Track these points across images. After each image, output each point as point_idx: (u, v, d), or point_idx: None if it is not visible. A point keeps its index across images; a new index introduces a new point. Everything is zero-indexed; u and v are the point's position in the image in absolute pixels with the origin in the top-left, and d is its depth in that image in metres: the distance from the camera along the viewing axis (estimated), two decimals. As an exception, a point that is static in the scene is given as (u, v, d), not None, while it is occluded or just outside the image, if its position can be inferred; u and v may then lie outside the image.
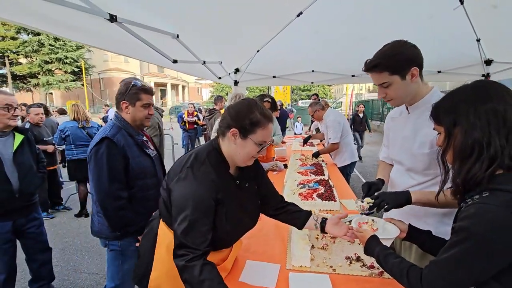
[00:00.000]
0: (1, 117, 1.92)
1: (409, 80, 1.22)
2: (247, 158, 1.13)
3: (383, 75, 1.23)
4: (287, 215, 1.41)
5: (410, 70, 1.20)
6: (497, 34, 2.88)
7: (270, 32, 2.88)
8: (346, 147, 3.56)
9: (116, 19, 1.48)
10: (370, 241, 1.09)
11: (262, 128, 1.09)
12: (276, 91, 17.39)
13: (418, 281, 0.83)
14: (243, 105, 1.13)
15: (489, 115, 0.78)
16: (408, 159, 1.38)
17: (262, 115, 1.09)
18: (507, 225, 0.68)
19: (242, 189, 1.22)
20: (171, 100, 39.20)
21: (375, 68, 1.23)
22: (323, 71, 4.09)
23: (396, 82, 1.22)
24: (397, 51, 1.21)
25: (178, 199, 1.04)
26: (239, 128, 1.08)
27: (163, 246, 1.18)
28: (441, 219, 1.29)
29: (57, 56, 25.21)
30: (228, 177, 1.16)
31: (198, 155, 1.12)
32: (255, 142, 1.09)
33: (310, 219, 1.37)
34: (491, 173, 0.76)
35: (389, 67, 1.20)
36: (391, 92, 1.25)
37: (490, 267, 0.73)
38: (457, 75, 3.72)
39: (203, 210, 1.03)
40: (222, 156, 1.15)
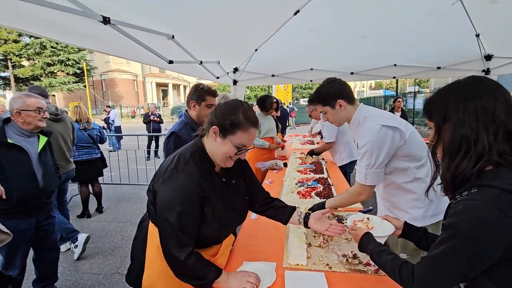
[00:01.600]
0: (33, 119, 2.03)
1: (338, 109, 1.58)
2: (224, 158, 1.13)
3: (318, 106, 1.66)
4: (273, 211, 1.46)
5: (337, 102, 1.56)
6: (496, 29, 2.86)
7: (268, 31, 2.88)
8: (344, 146, 3.53)
9: (109, 21, 1.49)
10: (364, 238, 1.10)
11: (242, 131, 1.09)
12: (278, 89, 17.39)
13: (410, 277, 0.84)
14: (230, 105, 1.14)
15: (477, 111, 0.78)
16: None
17: (245, 118, 1.09)
18: (494, 221, 0.68)
19: (229, 186, 1.24)
20: (172, 100, 39.28)
21: (312, 102, 1.73)
22: (321, 69, 4.07)
23: (329, 111, 1.61)
24: (325, 89, 1.59)
25: (165, 198, 1.06)
26: (220, 126, 1.09)
27: (154, 245, 1.19)
28: (413, 204, 1.49)
29: (59, 58, 25.37)
30: (214, 175, 1.18)
31: (182, 155, 1.14)
32: (233, 144, 1.09)
33: (294, 214, 1.43)
34: (479, 169, 0.76)
35: (319, 101, 1.62)
36: (328, 117, 1.65)
37: (478, 263, 0.73)
38: (457, 71, 3.70)
39: (191, 203, 1.07)
40: (206, 154, 1.16)
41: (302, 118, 19.55)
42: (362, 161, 1.46)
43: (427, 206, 1.46)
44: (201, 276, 1.08)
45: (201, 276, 1.08)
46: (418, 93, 14.71)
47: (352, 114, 1.59)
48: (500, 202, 0.68)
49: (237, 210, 1.29)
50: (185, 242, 1.06)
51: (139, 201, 4.97)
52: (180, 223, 1.04)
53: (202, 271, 1.09)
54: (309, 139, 5.37)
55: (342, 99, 1.55)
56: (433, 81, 23.23)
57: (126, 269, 1.38)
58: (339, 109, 1.57)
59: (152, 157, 8.34)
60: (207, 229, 1.14)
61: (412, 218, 1.27)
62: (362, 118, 1.54)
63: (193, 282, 1.10)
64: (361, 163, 1.48)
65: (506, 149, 0.76)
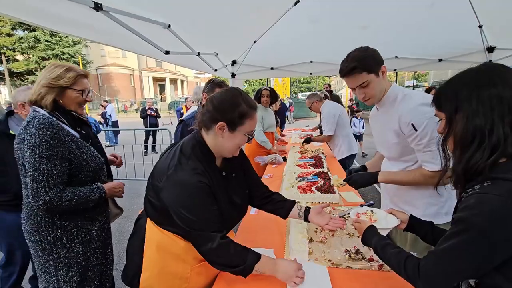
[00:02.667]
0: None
1: (381, 77, 1.38)
2: (235, 149, 1.13)
3: (362, 75, 1.35)
4: (272, 205, 1.43)
5: (381, 68, 1.37)
6: (500, 20, 2.80)
7: (267, 22, 2.81)
8: (343, 139, 3.50)
9: (101, 7, 1.42)
10: (368, 231, 1.07)
11: (250, 118, 1.09)
12: (276, 83, 17.28)
13: (416, 272, 0.80)
14: (227, 96, 1.10)
15: (493, 101, 0.73)
16: (386, 150, 1.57)
17: (248, 106, 1.09)
18: (509, 215, 0.65)
19: (229, 180, 1.21)
20: (170, 95, 39.00)
21: (354, 71, 1.35)
22: (321, 62, 4.01)
23: (373, 80, 1.36)
24: (367, 54, 1.36)
25: (175, 195, 1.03)
26: (227, 121, 1.07)
27: (153, 245, 1.15)
28: (428, 200, 1.41)
29: (53, 52, 24.97)
30: (215, 169, 1.14)
31: (183, 150, 1.10)
32: (244, 134, 1.10)
33: (294, 208, 1.41)
34: (493, 161, 0.72)
35: (365, 67, 1.34)
36: (370, 90, 1.39)
37: (491, 258, 0.69)
38: (458, 63, 3.65)
39: (203, 193, 1.03)
40: (207, 148, 1.12)
41: (301, 112, 19.51)
42: (432, 144, 1.25)
43: (442, 204, 1.41)
44: (238, 261, 1.05)
45: (238, 262, 1.05)
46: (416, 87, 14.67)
47: (385, 87, 1.43)
48: None
49: (238, 205, 1.25)
50: (210, 230, 1.03)
51: (137, 196, 4.93)
52: (199, 215, 1.02)
53: (239, 255, 1.06)
54: (308, 134, 5.34)
55: (385, 65, 1.39)
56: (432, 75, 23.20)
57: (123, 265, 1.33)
58: (382, 77, 1.39)
59: (150, 152, 8.29)
60: None
61: (424, 215, 1.21)
62: (402, 95, 1.39)
63: (231, 269, 1.06)
64: (433, 147, 1.25)
65: None
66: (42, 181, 1.26)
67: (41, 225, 1.36)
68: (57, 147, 1.29)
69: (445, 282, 0.77)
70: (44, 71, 1.38)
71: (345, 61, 1.39)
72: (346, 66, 1.37)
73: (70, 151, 1.34)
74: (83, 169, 1.40)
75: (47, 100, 1.35)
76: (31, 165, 1.26)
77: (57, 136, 1.29)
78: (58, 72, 1.36)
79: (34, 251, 1.40)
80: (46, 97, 1.35)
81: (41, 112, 1.33)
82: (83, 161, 1.40)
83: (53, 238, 1.37)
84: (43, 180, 1.26)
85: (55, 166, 1.28)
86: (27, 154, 1.26)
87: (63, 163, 1.31)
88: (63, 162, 1.31)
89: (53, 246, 1.38)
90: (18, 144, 1.33)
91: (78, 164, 1.38)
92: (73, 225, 1.41)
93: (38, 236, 1.37)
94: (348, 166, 3.58)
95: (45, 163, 1.26)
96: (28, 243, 1.41)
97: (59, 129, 1.31)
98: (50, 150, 1.27)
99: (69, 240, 1.41)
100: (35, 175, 1.25)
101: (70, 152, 1.34)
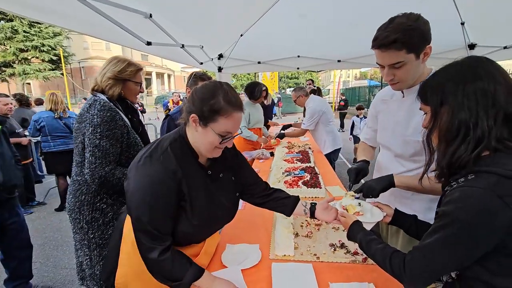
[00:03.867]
0: None
1: (421, 59, 1.10)
2: (210, 148, 1.02)
3: (399, 53, 1.06)
4: (274, 202, 1.36)
5: (425, 49, 1.08)
6: (481, 18, 2.87)
7: (254, 15, 2.76)
8: (328, 134, 3.54)
9: (76, -7, 1.34)
10: (353, 226, 1.06)
11: (225, 116, 0.96)
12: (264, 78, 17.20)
13: (401, 267, 0.80)
14: (208, 88, 1.00)
15: (477, 94, 0.73)
16: (399, 146, 1.30)
17: (227, 102, 0.96)
18: (492, 208, 0.65)
19: (215, 180, 1.13)
20: (156, 90, 38.18)
21: (393, 45, 1.04)
22: (308, 57, 4.01)
23: (411, 61, 1.08)
24: (415, 25, 1.03)
25: (135, 188, 0.95)
26: (198, 114, 0.97)
27: (129, 241, 1.10)
28: (429, 205, 1.26)
29: (32, 43, 23.78)
30: (196, 167, 1.06)
31: (160, 144, 1.02)
32: (216, 132, 0.97)
33: (299, 205, 1.34)
34: (477, 154, 0.72)
35: (408, 43, 1.04)
36: (402, 73, 1.11)
37: (474, 252, 0.70)
38: (441, 60, 3.67)
39: (162, 195, 0.95)
40: (188, 144, 1.04)
41: (288, 108, 19.59)
42: None
43: None
44: (176, 276, 0.97)
45: (176, 276, 0.97)
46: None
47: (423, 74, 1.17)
48: (499, 189, 0.65)
49: (222, 207, 1.16)
50: (156, 237, 0.96)
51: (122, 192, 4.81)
52: (151, 216, 0.94)
53: (179, 270, 0.97)
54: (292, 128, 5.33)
55: (430, 46, 1.10)
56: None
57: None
58: (422, 60, 1.10)
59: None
60: (184, 226, 1.03)
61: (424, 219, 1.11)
62: None
63: (167, 282, 0.99)
64: None
65: (504, 134, 0.72)
66: (101, 157, 1.38)
67: (84, 203, 1.48)
68: (114, 129, 1.42)
69: (430, 277, 0.78)
70: (108, 64, 1.53)
71: (384, 28, 1.07)
72: (385, 35, 1.05)
73: (122, 134, 1.47)
74: (126, 154, 1.51)
75: (115, 91, 1.51)
76: (91, 141, 1.38)
77: (115, 118, 1.43)
78: (122, 66, 1.52)
79: (73, 227, 1.54)
80: (113, 88, 1.50)
81: (101, 97, 1.47)
82: (129, 146, 1.51)
83: (91, 218, 1.49)
84: (101, 156, 1.38)
85: (112, 145, 1.41)
86: (89, 132, 1.38)
87: (117, 144, 1.44)
88: (117, 143, 1.44)
89: (89, 226, 1.49)
90: (79, 123, 1.46)
91: (125, 148, 1.50)
92: (110, 209, 1.52)
93: (78, 213, 1.49)
94: (333, 160, 3.62)
95: (104, 141, 1.38)
96: (69, 218, 1.55)
97: (116, 113, 1.45)
98: (109, 130, 1.40)
99: (105, 223, 1.51)
100: (95, 151, 1.37)
101: (122, 135, 1.47)
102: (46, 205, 4.42)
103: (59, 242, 3.28)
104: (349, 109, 13.97)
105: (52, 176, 4.95)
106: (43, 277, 2.63)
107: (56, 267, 2.79)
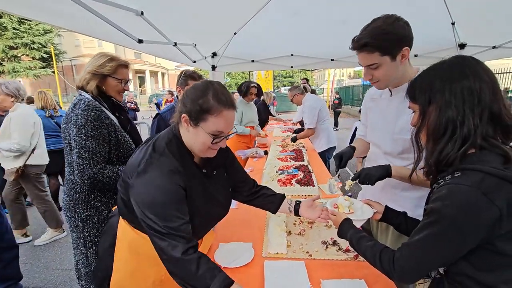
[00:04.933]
0: None
1: (399, 61, 1.13)
2: (203, 148, 1.01)
3: (373, 55, 1.12)
4: (262, 199, 1.38)
5: (401, 51, 1.11)
6: (471, 18, 2.91)
7: (247, 13, 2.75)
8: (322, 132, 3.57)
9: (65, -10, 1.31)
10: (344, 224, 1.08)
11: (215, 115, 0.95)
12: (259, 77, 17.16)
13: (391, 263, 0.82)
14: (198, 88, 0.99)
15: (464, 93, 0.75)
16: (387, 143, 1.33)
17: (217, 100, 0.95)
18: (478, 205, 0.66)
19: (210, 178, 1.14)
20: (150, 88, 37.81)
21: (364, 48, 1.11)
22: (302, 55, 4.01)
23: (386, 63, 1.13)
24: (389, 29, 1.08)
25: (142, 194, 0.93)
26: (188, 113, 0.96)
27: (125, 245, 1.09)
28: (418, 202, 1.27)
29: (22, 41, 23.30)
30: (193, 166, 1.06)
31: (157, 145, 1.00)
32: (206, 132, 0.96)
33: (284, 203, 1.36)
34: (463, 152, 0.74)
35: (379, 47, 1.10)
36: (379, 74, 1.16)
37: (461, 247, 0.72)
38: (432, 59, 3.76)
39: (175, 198, 0.94)
40: (183, 144, 1.04)
41: (283, 106, 19.60)
42: None
43: None
44: (201, 283, 0.88)
45: (201, 283, 0.88)
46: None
47: (409, 74, 1.19)
48: (484, 186, 0.67)
49: (219, 204, 1.18)
50: (176, 236, 0.90)
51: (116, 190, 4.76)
52: (166, 218, 0.90)
53: (204, 276, 0.88)
54: (290, 127, 5.36)
55: (408, 47, 1.12)
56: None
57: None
58: (400, 61, 1.14)
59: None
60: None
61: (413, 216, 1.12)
62: None
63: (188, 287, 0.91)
64: None
65: (489, 132, 0.74)
66: (88, 158, 1.37)
67: (78, 202, 1.48)
68: (100, 128, 1.40)
69: (418, 272, 0.79)
70: (91, 59, 1.50)
71: (361, 32, 1.14)
72: (358, 39, 1.12)
73: (109, 133, 1.45)
74: (116, 153, 1.50)
75: (92, 86, 1.46)
76: (77, 143, 1.36)
77: (100, 117, 1.40)
78: (102, 61, 1.47)
79: (70, 226, 1.53)
80: (90, 82, 1.46)
81: (86, 96, 1.44)
82: (118, 145, 1.50)
83: (86, 216, 1.49)
84: (88, 157, 1.37)
85: (98, 145, 1.39)
86: (73, 133, 1.36)
87: (105, 143, 1.42)
88: (104, 142, 1.42)
89: (85, 224, 1.49)
90: (66, 124, 1.44)
91: (114, 146, 1.48)
92: (104, 207, 1.52)
93: (73, 212, 1.49)
94: (328, 158, 3.65)
95: (90, 142, 1.37)
96: (65, 217, 1.55)
97: (101, 111, 1.42)
98: (94, 130, 1.38)
99: (100, 220, 1.51)
100: (81, 152, 1.36)
101: (109, 134, 1.45)
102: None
103: (50, 242, 3.23)
104: (343, 108, 14.08)
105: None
106: (34, 278, 2.59)
107: (47, 268, 2.75)
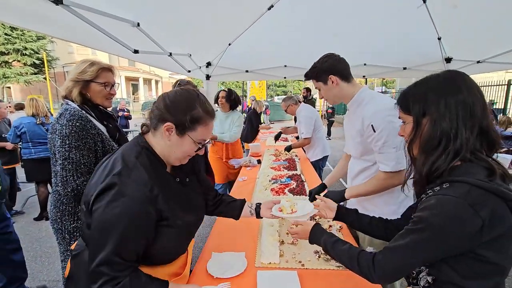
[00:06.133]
0: None
1: (330, 85, 1.52)
2: (182, 157, 1.01)
3: (315, 82, 1.60)
4: (223, 207, 1.40)
5: (328, 78, 1.50)
6: (456, 33, 3.04)
7: (241, 25, 2.82)
8: (318, 141, 3.61)
9: (61, 1, 1.33)
10: (315, 230, 1.11)
11: (203, 125, 0.98)
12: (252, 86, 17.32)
13: (370, 265, 0.84)
14: (183, 97, 0.98)
15: (458, 107, 0.78)
16: (351, 148, 1.65)
17: (205, 111, 0.98)
18: (464, 216, 0.70)
19: (185, 186, 1.11)
20: (143, 96, 37.64)
21: (306, 77, 1.61)
22: (295, 66, 4.10)
23: (321, 87, 1.57)
24: (317, 65, 1.54)
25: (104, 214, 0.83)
26: (176, 123, 0.94)
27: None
28: (386, 199, 1.51)
29: (14, 47, 23.08)
30: (168, 177, 1.03)
31: (125, 159, 0.92)
32: (194, 141, 0.97)
33: (245, 207, 1.40)
34: (452, 165, 0.77)
35: (313, 77, 1.58)
36: (322, 94, 1.61)
37: (442, 254, 0.76)
38: (420, 72, 3.92)
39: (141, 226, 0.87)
40: (155, 154, 0.99)
41: (276, 115, 19.73)
42: (387, 146, 1.35)
43: (399, 204, 1.48)
44: None
45: None
46: (384, 93, 15.49)
47: (349, 93, 1.54)
48: (470, 198, 0.70)
49: (196, 211, 1.16)
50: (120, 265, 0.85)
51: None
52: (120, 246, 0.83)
53: None
54: (283, 136, 5.40)
55: (334, 75, 1.50)
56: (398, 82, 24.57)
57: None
58: (332, 85, 1.52)
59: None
60: (170, 241, 0.99)
61: (382, 214, 1.25)
62: (369, 98, 1.47)
63: None
64: (387, 149, 1.36)
65: (477, 146, 0.78)
66: (71, 169, 1.33)
67: (65, 214, 1.44)
68: (85, 138, 1.36)
69: (399, 274, 0.84)
70: (74, 67, 1.47)
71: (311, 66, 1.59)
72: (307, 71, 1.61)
73: (96, 143, 1.41)
74: None
75: (74, 93, 1.42)
76: (61, 154, 1.33)
77: (85, 127, 1.37)
78: (83, 67, 1.43)
79: (57, 238, 1.50)
80: (73, 90, 1.42)
81: (72, 105, 1.41)
82: (105, 154, 1.43)
83: (73, 228, 1.45)
84: (72, 168, 1.33)
85: (83, 156, 1.36)
86: (58, 144, 1.33)
87: (90, 154, 1.39)
88: (90, 153, 1.39)
89: (72, 236, 1.45)
90: (51, 134, 1.41)
91: (101, 156, 1.44)
92: None
93: (60, 224, 1.45)
94: (322, 167, 3.69)
95: (74, 153, 1.33)
96: (52, 229, 1.51)
97: (87, 121, 1.39)
98: (79, 140, 1.34)
99: None
100: (65, 163, 1.33)
101: (95, 144, 1.41)
102: (24, 214, 4.24)
103: (38, 253, 3.15)
104: (336, 117, 14.30)
105: (31, 184, 4.77)
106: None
107: (34, 279, 2.67)
